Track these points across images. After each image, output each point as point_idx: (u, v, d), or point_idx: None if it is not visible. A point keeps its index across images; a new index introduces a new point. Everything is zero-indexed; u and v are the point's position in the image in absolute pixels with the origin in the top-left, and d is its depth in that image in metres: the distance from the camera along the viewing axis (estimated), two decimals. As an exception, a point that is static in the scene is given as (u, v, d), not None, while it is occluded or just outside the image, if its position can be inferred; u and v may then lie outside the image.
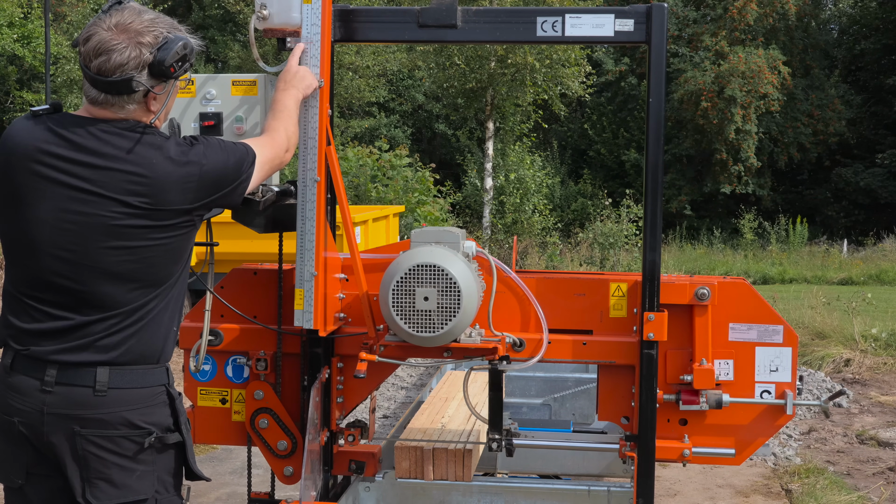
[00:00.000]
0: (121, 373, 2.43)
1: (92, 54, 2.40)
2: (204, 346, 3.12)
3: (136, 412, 2.45)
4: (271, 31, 3.01)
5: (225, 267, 3.45)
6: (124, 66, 2.39)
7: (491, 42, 3.76)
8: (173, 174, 2.42)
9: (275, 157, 2.70)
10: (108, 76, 2.39)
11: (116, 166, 2.39)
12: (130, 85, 2.40)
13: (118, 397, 2.43)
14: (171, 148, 2.45)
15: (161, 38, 2.44)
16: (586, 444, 3.65)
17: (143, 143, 2.42)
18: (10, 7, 19.42)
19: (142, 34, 2.42)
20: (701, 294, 3.11)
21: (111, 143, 2.41)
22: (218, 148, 2.53)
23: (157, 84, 2.46)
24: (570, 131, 30.11)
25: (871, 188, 26.38)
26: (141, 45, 2.41)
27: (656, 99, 3.03)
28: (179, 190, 2.43)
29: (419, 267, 2.91)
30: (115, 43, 2.39)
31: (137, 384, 2.46)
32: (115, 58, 2.38)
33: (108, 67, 2.39)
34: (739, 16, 26.35)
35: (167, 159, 2.42)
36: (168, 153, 2.43)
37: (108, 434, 2.43)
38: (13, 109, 20.28)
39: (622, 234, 18.58)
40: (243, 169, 2.57)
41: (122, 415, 2.43)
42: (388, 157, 16.65)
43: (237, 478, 5.85)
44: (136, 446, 2.45)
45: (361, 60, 21.65)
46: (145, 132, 2.44)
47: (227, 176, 2.53)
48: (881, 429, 7.17)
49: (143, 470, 2.47)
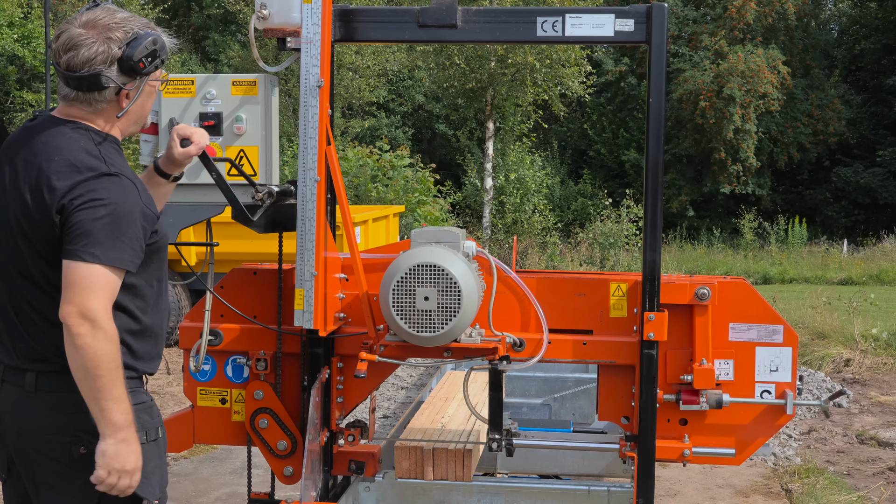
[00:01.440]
0: (47, 375, 2.41)
1: (62, 50, 2.40)
2: (204, 346, 3.13)
3: (68, 417, 2.40)
4: (271, 31, 3.01)
5: (225, 267, 3.45)
6: (92, 60, 2.38)
7: (491, 42, 3.76)
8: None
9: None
10: (76, 71, 2.38)
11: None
12: (99, 80, 2.39)
13: (46, 400, 2.40)
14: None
15: (131, 33, 2.42)
16: (586, 444, 3.65)
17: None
18: (10, 7, 19.42)
19: (111, 29, 2.41)
20: (701, 294, 3.11)
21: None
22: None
23: (128, 81, 2.44)
24: (570, 131, 30.11)
25: (871, 188, 26.37)
26: (110, 40, 2.40)
27: (656, 99, 3.03)
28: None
29: (419, 267, 2.91)
30: (83, 38, 2.39)
31: (68, 388, 2.37)
32: (83, 52, 2.37)
33: (76, 62, 2.38)
34: (738, 15, 26.34)
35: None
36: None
37: (42, 438, 2.41)
38: (13, 109, 20.28)
39: (622, 234, 18.58)
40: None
41: (54, 419, 2.40)
42: (389, 158, 16.64)
43: (237, 478, 5.85)
44: (68, 454, 2.40)
45: (361, 60, 21.65)
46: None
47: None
48: (881, 429, 7.17)
49: (85, 481, 2.38)
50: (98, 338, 2.28)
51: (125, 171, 2.43)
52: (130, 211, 2.37)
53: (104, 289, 2.31)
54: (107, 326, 2.30)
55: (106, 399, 2.31)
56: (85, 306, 2.28)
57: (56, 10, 19.43)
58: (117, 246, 2.33)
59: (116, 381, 2.32)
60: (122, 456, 2.35)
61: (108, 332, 2.31)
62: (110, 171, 2.37)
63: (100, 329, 2.28)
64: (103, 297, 2.31)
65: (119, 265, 2.33)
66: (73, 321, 2.28)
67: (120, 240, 2.33)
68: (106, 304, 2.32)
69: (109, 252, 2.31)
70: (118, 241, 2.33)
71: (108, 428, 2.34)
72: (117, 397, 2.33)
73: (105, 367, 2.29)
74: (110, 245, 2.31)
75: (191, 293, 10.18)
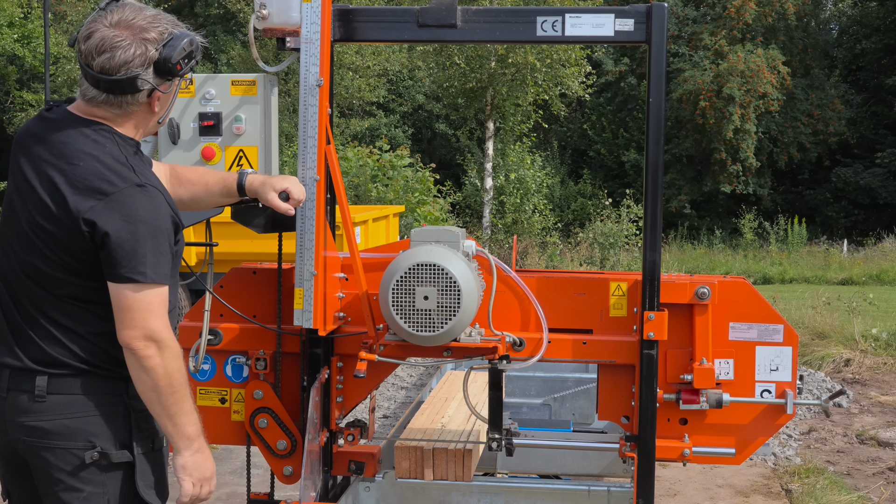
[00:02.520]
0: (60, 379, 2.35)
1: (94, 52, 2.30)
2: (203, 346, 3.12)
3: (78, 420, 2.35)
4: (271, 31, 3.01)
5: (224, 267, 3.45)
6: (130, 63, 2.30)
7: (491, 42, 3.76)
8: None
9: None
10: (112, 74, 2.30)
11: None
12: (135, 84, 2.32)
13: (57, 403, 2.35)
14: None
15: (166, 34, 2.36)
16: (586, 444, 3.65)
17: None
18: (10, 7, 19.43)
19: (146, 30, 2.33)
20: (701, 293, 3.11)
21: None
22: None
23: (162, 83, 2.38)
24: (570, 131, 30.11)
25: (871, 188, 26.37)
26: (146, 41, 2.33)
27: (656, 99, 3.03)
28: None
29: (419, 266, 2.90)
30: (119, 40, 2.30)
31: (78, 391, 2.35)
32: (119, 55, 2.30)
33: (112, 65, 2.30)
34: (737, 14, 26.35)
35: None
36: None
37: (50, 445, 2.35)
38: (13, 109, 20.30)
39: (622, 234, 18.58)
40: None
41: (64, 423, 2.34)
42: (389, 158, 16.65)
43: (237, 478, 5.85)
44: (76, 460, 2.34)
45: (362, 60, 21.65)
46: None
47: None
48: (881, 429, 7.17)
49: (91, 492, 2.35)
50: (167, 357, 2.30)
51: (153, 181, 2.39)
52: (164, 224, 2.35)
53: (161, 306, 2.32)
54: (172, 344, 2.32)
55: (179, 414, 2.34)
56: (148, 328, 2.28)
57: (55, 10, 19.45)
58: (160, 261, 2.32)
59: (187, 395, 2.36)
60: (200, 465, 2.41)
61: (174, 350, 2.33)
62: (141, 182, 2.33)
63: (166, 348, 2.31)
64: (162, 316, 2.32)
65: (164, 281, 2.33)
66: (138, 345, 2.27)
67: (161, 254, 2.32)
68: (166, 322, 2.33)
69: (157, 269, 2.31)
70: (160, 256, 2.32)
71: (182, 441, 2.37)
72: (188, 410, 2.36)
73: (177, 383, 2.32)
74: (155, 261, 2.30)
75: (190, 293, 10.18)
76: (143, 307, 2.28)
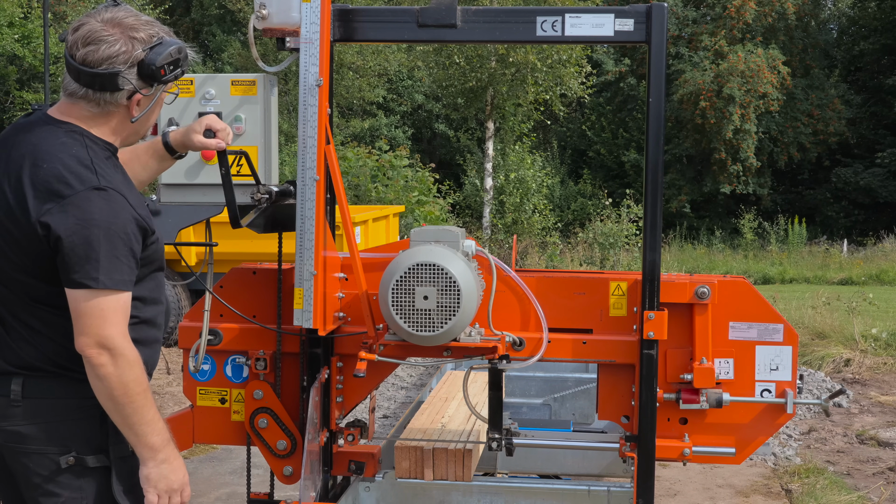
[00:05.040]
0: (35, 382, 2.31)
1: (80, 43, 2.27)
2: (203, 346, 3.12)
3: (53, 425, 2.31)
4: (270, 31, 3.01)
5: (224, 267, 3.45)
6: (113, 58, 2.26)
7: (491, 42, 3.75)
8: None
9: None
10: (93, 67, 2.26)
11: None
12: (116, 81, 2.27)
13: (32, 407, 2.30)
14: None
15: (156, 37, 2.33)
16: (586, 444, 3.65)
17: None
18: (10, 7, 19.42)
19: (136, 30, 2.31)
20: (701, 293, 3.11)
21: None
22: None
23: (144, 86, 2.33)
24: (570, 131, 30.12)
25: (871, 188, 26.38)
26: (134, 40, 2.29)
27: (656, 99, 3.03)
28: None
29: (419, 266, 2.90)
30: (106, 34, 2.27)
31: (52, 394, 2.31)
32: (103, 49, 2.26)
33: (94, 58, 2.26)
34: (737, 14, 26.35)
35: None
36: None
37: (27, 450, 2.31)
38: (13, 109, 20.29)
39: (622, 234, 18.59)
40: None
41: (41, 427, 2.30)
42: (389, 158, 16.65)
43: (237, 478, 5.85)
44: (52, 465, 2.31)
45: (363, 61, 21.65)
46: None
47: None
48: (881, 429, 7.17)
49: (69, 497, 2.32)
50: (120, 365, 2.23)
51: (116, 184, 2.30)
52: (123, 228, 2.26)
53: (116, 313, 2.24)
54: (127, 352, 2.24)
55: (139, 424, 2.28)
56: (101, 335, 2.21)
57: (55, 10, 19.44)
58: (116, 266, 2.23)
59: (147, 404, 2.28)
60: (166, 476, 2.34)
61: (130, 358, 2.25)
62: (100, 185, 2.25)
63: (120, 356, 2.23)
64: (117, 323, 2.24)
65: (121, 287, 2.25)
66: (91, 353, 2.21)
67: (117, 259, 2.24)
68: (122, 329, 2.25)
69: (112, 274, 2.22)
70: (116, 262, 2.23)
71: (145, 451, 2.31)
72: (150, 420, 2.29)
73: (133, 392, 2.25)
74: (110, 267, 2.22)
75: (190, 293, 10.18)
76: (95, 313, 2.21)
